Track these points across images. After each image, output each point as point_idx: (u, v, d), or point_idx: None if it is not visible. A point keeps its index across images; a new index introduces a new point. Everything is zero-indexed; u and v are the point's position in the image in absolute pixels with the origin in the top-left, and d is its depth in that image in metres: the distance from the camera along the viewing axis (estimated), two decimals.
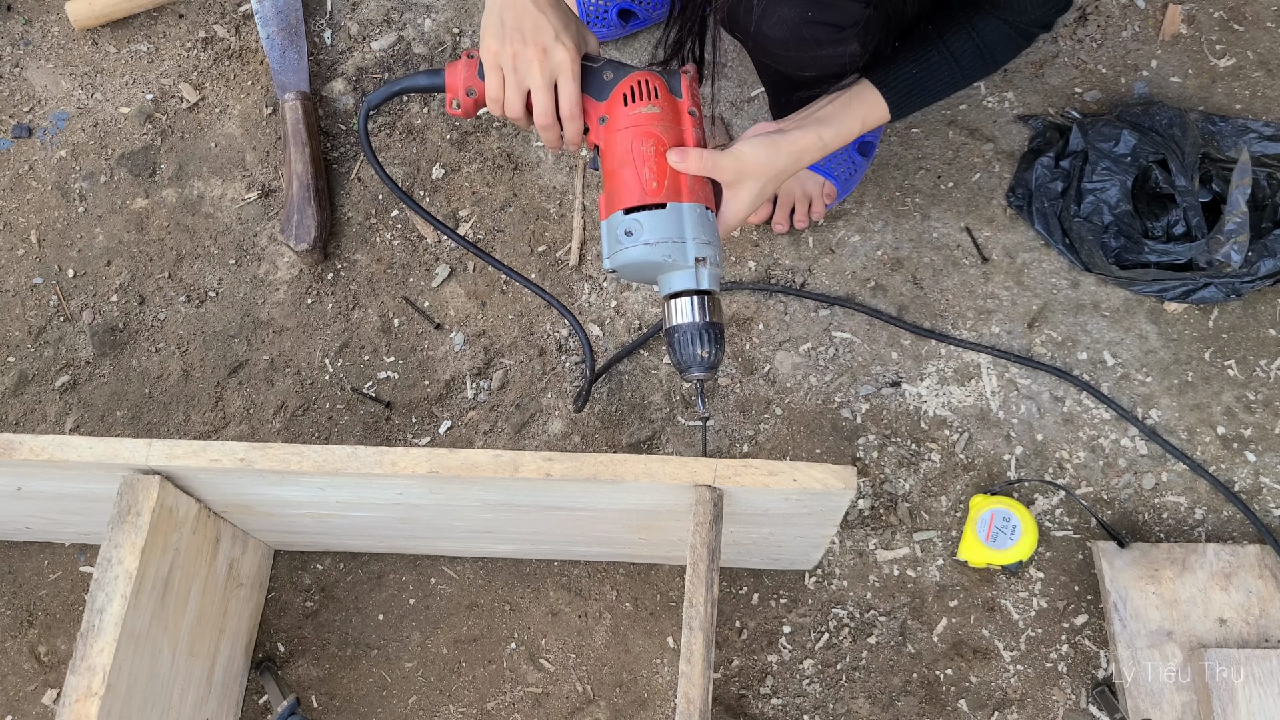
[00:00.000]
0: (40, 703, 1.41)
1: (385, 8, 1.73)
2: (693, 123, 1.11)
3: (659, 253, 1.07)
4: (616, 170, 1.09)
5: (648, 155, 1.08)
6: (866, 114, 1.17)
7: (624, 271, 1.10)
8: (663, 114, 1.09)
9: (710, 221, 1.10)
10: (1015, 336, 1.49)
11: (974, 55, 1.16)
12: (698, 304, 1.08)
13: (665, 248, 1.07)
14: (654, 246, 1.07)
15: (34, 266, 1.63)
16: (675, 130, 1.10)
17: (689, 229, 1.08)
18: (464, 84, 1.16)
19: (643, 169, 1.08)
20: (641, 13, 1.61)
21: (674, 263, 1.08)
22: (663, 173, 1.08)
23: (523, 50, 1.09)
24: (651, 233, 1.07)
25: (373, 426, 1.51)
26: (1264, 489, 1.41)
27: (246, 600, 1.37)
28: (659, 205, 1.08)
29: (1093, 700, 1.34)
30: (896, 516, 1.43)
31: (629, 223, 1.08)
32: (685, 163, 1.09)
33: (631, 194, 1.08)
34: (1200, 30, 1.62)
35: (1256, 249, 1.42)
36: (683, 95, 1.12)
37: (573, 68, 1.10)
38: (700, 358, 1.09)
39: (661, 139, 1.09)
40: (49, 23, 1.76)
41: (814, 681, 1.37)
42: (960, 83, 1.19)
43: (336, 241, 1.61)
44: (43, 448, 1.08)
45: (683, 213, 1.08)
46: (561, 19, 1.10)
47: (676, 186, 1.09)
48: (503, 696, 1.38)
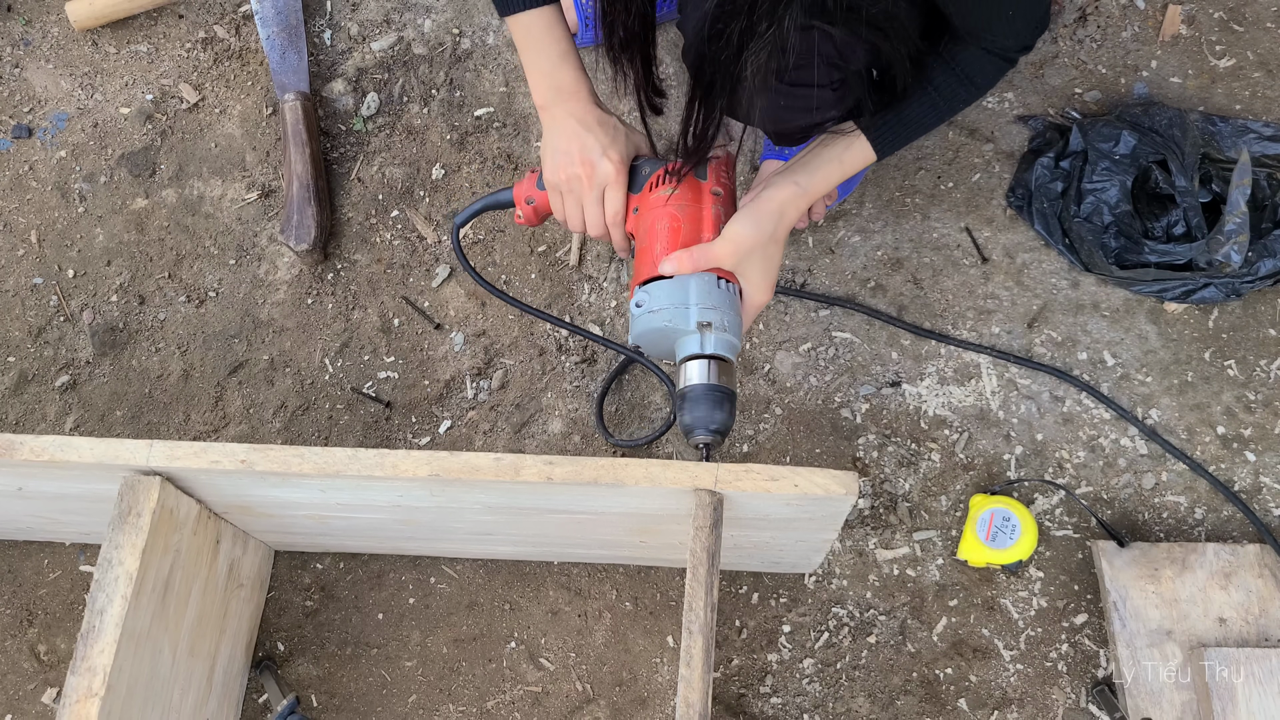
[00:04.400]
0: (40, 702, 1.41)
1: (385, 8, 1.72)
2: (713, 201, 1.15)
3: (662, 319, 1.10)
4: (640, 252, 1.15)
5: (662, 233, 1.13)
6: (848, 157, 1.18)
7: (644, 345, 1.15)
8: (680, 194, 1.14)
9: (722, 290, 1.12)
10: (1015, 336, 1.49)
11: (955, 84, 1.16)
12: (704, 368, 1.10)
13: (668, 313, 1.10)
14: (657, 314, 1.10)
15: (34, 266, 1.63)
16: (694, 209, 1.14)
17: (693, 295, 1.10)
18: (525, 196, 1.26)
19: (655, 245, 1.12)
20: None
21: (678, 328, 1.10)
22: (673, 246, 1.12)
23: (572, 170, 1.17)
24: (656, 300, 1.10)
25: (373, 426, 1.51)
26: (1264, 489, 1.41)
27: (247, 600, 1.37)
28: (668, 276, 1.12)
29: (1092, 699, 1.34)
30: (896, 516, 1.43)
31: (640, 295, 1.12)
32: (679, 267, 1.12)
33: (646, 269, 1.13)
34: (1200, 30, 1.62)
35: (1256, 249, 1.42)
36: (707, 177, 1.17)
37: (618, 178, 1.16)
38: (704, 422, 1.11)
39: (676, 217, 1.13)
40: (49, 23, 1.75)
41: (814, 681, 1.37)
42: (945, 112, 1.19)
43: (336, 241, 1.61)
44: (43, 448, 1.08)
45: (689, 281, 1.11)
46: (609, 134, 1.16)
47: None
48: (503, 696, 1.39)
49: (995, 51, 1.14)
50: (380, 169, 1.64)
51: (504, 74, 1.67)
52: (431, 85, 1.67)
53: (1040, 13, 1.13)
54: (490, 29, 1.70)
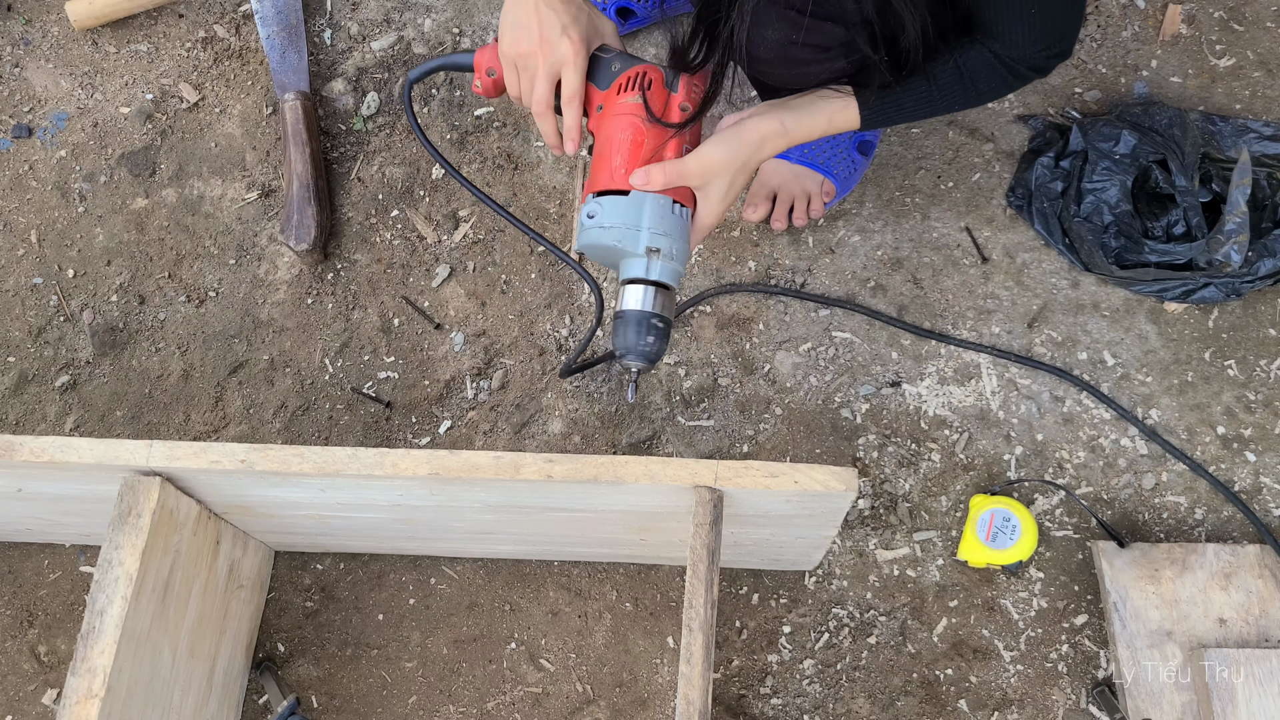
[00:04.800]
0: (40, 703, 1.41)
1: (385, 8, 1.72)
2: (680, 117, 1.11)
3: (612, 236, 1.08)
4: (598, 156, 1.11)
5: (624, 143, 1.09)
6: (834, 114, 1.16)
7: (588, 253, 1.12)
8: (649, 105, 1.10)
9: (675, 216, 1.10)
10: (1015, 336, 1.49)
11: (953, 79, 1.13)
12: (646, 294, 1.10)
13: (618, 233, 1.08)
14: (607, 230, 1.08)
15: (34, 266, 1.63)
16: (660, 131, 1.11)
17: (646, 218, 1.09)
18: (486, 66, 1.20)
19: (615, 155, 1.09)
20: (641, 11, 1.61)
21: (626, 249, 1.09)
22: (633, 161, 1.09)
23: (529, 46, 1.11)
24: (608, 217, 1.08)
25: (373, 426, 1.51)
26: (1264, 489, 1.41)
27: (247, 601, 1.37)
28: (623, 191, 1.09)
29: (1093, 700, 1.34)
30: (896, 516, 1.43)
31: (593, 205, 1.09)
32: (649, 181, 1.09)
33: (602, 178, 1.10)
34: (1200, 30, 1.62)
35: (1256, 249, 1.42)
36: (678, 90, 1.11)
37: (576, 61, 1.11)
38: (636, 346, 1.11)
39: (641, 129, 1.09)
40: (49, 23, 1.75)
41: (814, 681, 1.37)
42: (938, 105, 1.16)
43: (336, 241, 1.61)
44: (43, 449, 1.08)
45: (644, 202, 1.09)
46: (570, 13, 1.11)
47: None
48: (503, 696, 1.39)
49: (1005, 60, 1.12)
50: (380, 169, 1.64)
51: None
52: (431, 85, 1.67)
53: (1061, 32, 1.10)
54: (490, 29, 1.70)
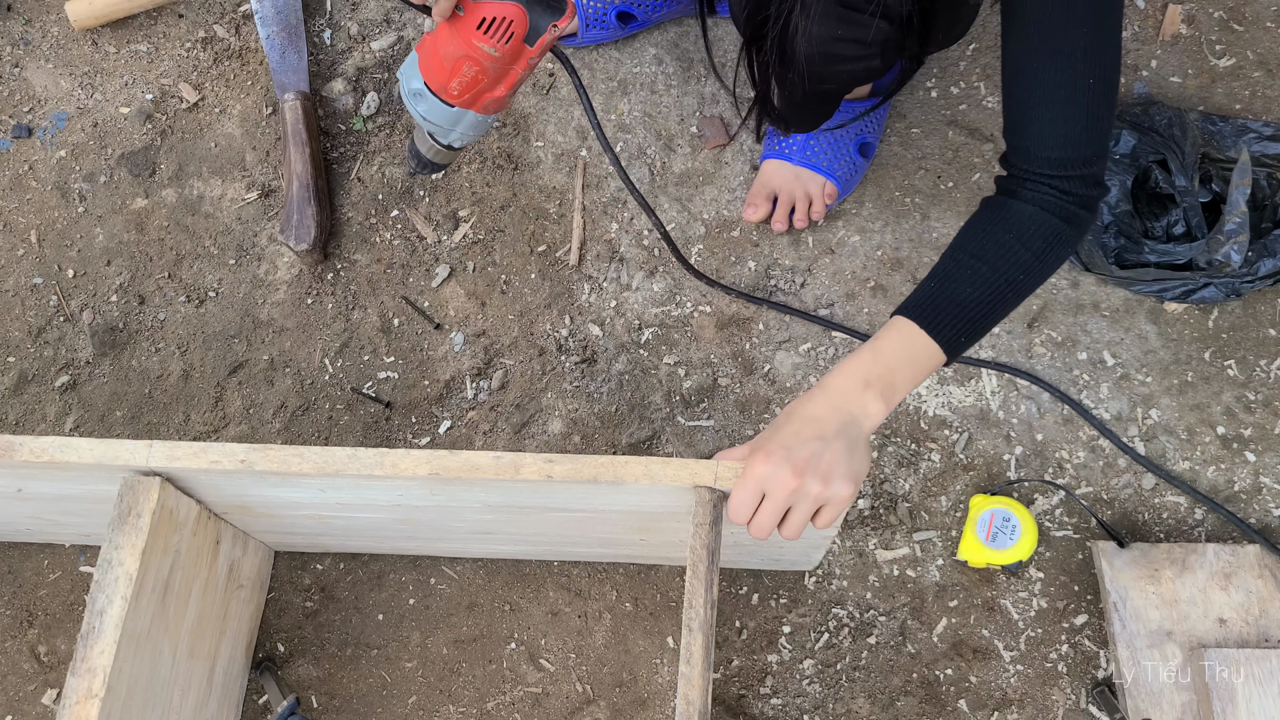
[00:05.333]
0: (40, 703, 1.41)
1: (385, 8, 1.72)
2: (525, 67, 1.18)
3: (427, 127, 1.24)
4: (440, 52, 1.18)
5: (465, 75, 1.18)
6: (917, 360, 1.04)
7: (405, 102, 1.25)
8: (500, 58, 1.16)
9: (487, 124, 1.24)
10: (1015, 336, 1.49)
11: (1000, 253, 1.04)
12: (435, 150, 1.27)
13: (432, 126, 1.23)
14: (425, 120, 1.23)
15: (34, 266, 1.63)
16: (503, 71, 1.18)
17: (461, 127, 1.23)
18: None
19: (453, 79, 1.18)
20: (640, 15, 1.61)
21: (436, 134, 1.24)
22: (466, 91, 1.19)
23: None
24: (429, 113, 1.21)
25: (373, 426, 1.51)
26: (1264, 489, 1.41)
27: (247, 601, 1.37)
28: (449, 104, 1.20)
29: (1093, 700, 1.34)
30: (896, 516, 1.43)
31: (421, 90, 1.21)
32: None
33: (434, 81, 1.19)
34: (1200, 30, 1.62)
35: (1256, 249, 1.42)
36: (534, 45, 1.17)
37: None
38: (415, 170, 1.32)
39: (485, 73, 1.17)
40: (49, 23, 1.75)
41: (814, 681, 1.37)
42: (999, 289, 1.05)
43: (336, 241, 1.61)
44: (43, 449, 1.08)
45: (464, 117, 1.22)
46: None
47: (472, 101, 1.21)
48: (503, 696, 1.39)
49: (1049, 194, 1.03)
50: (380, 169, 1.64)
51: None
52: None
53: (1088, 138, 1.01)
54: None
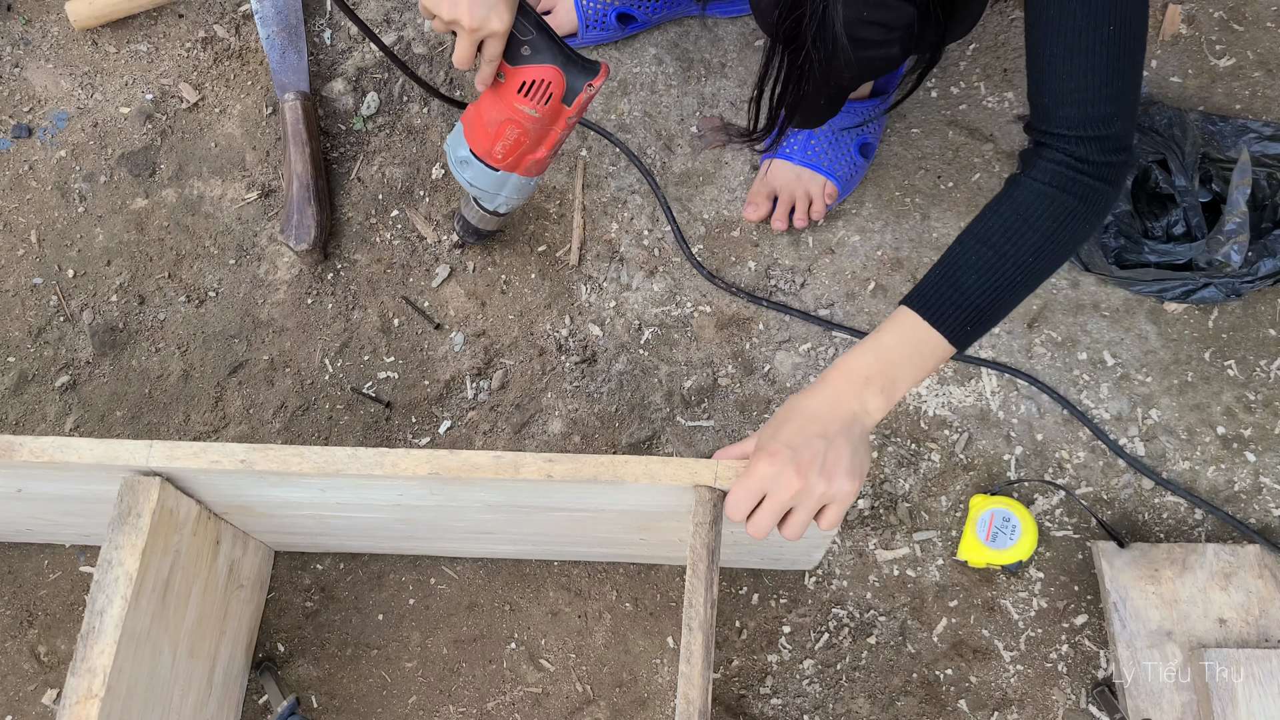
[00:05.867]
0: (40, 703, 1.41)
1: (385, 8, 1.72)
2: (564, 127, 1.28)
3: (473, 192, 1.36)
4: (484, 119, 1.28)
5: (508, 139, 1.28)
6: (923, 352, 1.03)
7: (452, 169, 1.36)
8: (540, 119, 1.25)
9: (530, 187, 1.36)
10: (1015, 336, 1.49)
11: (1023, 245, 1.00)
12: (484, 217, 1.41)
13: (479, 192, 1.35)
14: (472, 186, 1.34)
15: (34, 266, 1.63)
16: (544, 132, 1.28)
17: (506, 191, 1.34)
18: None
19: (497, 143, 1.28)
20: (640, 16, 1.61)
21: (482, 200, 1.37)
22: (510, 154, 1.29)
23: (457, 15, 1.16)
24: (475, 179, 1.33)
25: (373, 426, 1.51)
26: (1264, 489, 1.41)
27: (247, 601, 1.37)
28: (493, 168, 1.31)
29: (1093, 700, 1.34)
30: (896, 516, 1.43)
31: (468, 157, 1.32)
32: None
33: (479, 147, 1.30)
34: (1200, 30, 1.62)
35: (1256, 249, 1.42)
36: (572, 105, 1.25)
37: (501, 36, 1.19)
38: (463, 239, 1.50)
39: (527, 135, 1.27)
40: (49, 23, 1.76)
41: (814, 681, 1.37)
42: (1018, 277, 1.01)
43: (336, 241, 1.61)
44: (43, 449, 1.08)
45: (509, 181, 1.33)
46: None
47: (516, 165, 1.31)
48: (503, 696, 1.39)
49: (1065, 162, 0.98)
50: (380, 169, 1.64)
51: None
52: (432, 84, 1.67)
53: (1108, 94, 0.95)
54: None
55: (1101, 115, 0.97)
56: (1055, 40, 0.96)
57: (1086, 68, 0.95)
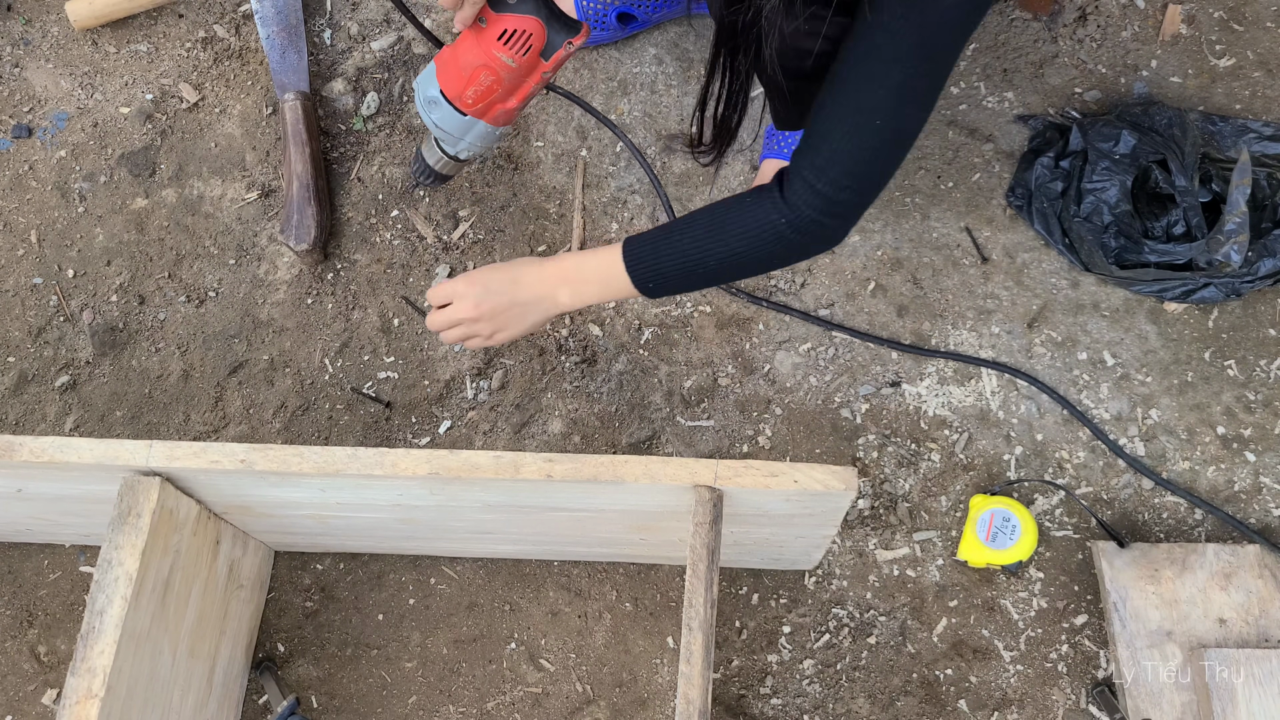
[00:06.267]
0: (40, 703, 1.41)
1: (385, 8, 1.72)
2: (538, 80, 1.24)
3: (438, 133, 1.29)
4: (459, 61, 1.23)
5: (481, 84, 1.23)
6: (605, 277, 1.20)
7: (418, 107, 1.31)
8: (517, 69, 1.22)
9: (496, 136, 1.30)
10: (1015, 336, 1.49)
11: (708, 225, 1.13)
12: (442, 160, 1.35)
13: (444, 134, 1.29)
14: (437, 128, 1.28)
15: (34, 266, 1.63)
16: (518, 82, 1.24)
17: (471, 136, 1.29)
18: None
19: (469, 87, 1.24)
20: (640, 15, 1.61)
21: (445, 143, 1.31)
22: (480, 100, 1.25)
23: None
24: (442, 120, 1.27)
25: (373, 426, 1.51)
26: (1264, 489, 1.41)
27: (247, 601, 1.37)
28: (462, 112, 1.26)
29: (1093, 700, 1.34)
30: (896, 516, 1.43)
31: (437, 98, 1.26)
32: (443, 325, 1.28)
33: (450, 89, 1.25)
34: (1200, 30, 1.62)
35: (1256, 249, 1.42)
36: (549, 60, 1.22)
37: None
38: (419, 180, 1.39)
39: (500, 82, 1.23)
40: (49, 23, 1.75)
41: (814, 681, 1.37)
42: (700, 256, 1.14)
43: (336, 241, 1.61)
44: (43, 449, 1.08)
45: (475, 126, 1.27)
46: None
47: (484, 111, 1.26)
48: (503, 696, 1.39)
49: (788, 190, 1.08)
50: (380, 169, 1.64)
51: None
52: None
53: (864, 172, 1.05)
54: None
55: (831, 191, 1.05)
56: (834, 103, 1.03)
57: (846, 143, 1.03)
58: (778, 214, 1.08)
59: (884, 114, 1.01)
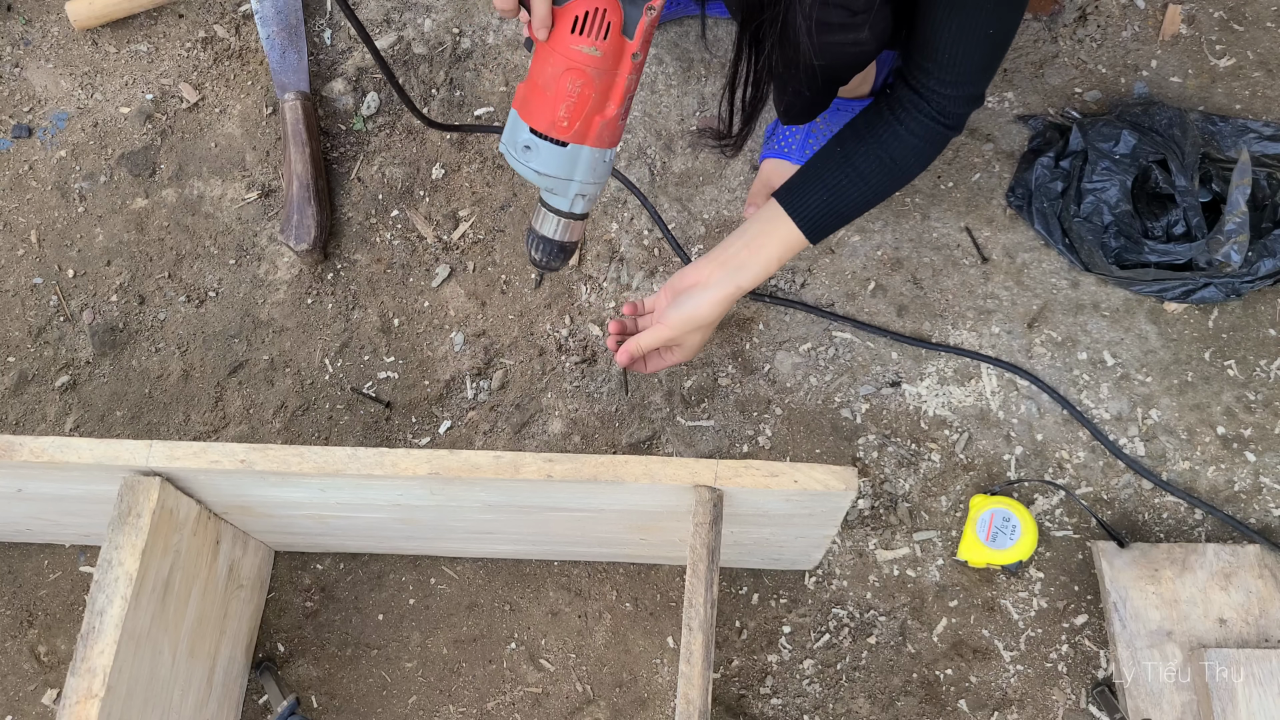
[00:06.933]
0: (40, 703, 1.41)
1: (385, 8, 1.72)
2: (630, 69, 1.09)
3: (545, 183, 1.14)
4: (540, 84, 1.09)
5: (570, 95, 1.08)
6: (783, 250, 1.25)
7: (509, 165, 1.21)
8: (603, 58, 1.07)
9: (606, 164, 1.14)
10: (1015, 336, 1.49)
11: (882, 174, 1.21)
12: (560, 225, 1.19)
13: (551, 181, 1.13)
14: (541, 176, 1.13)
15: (34, 266, 1.63)
16: (609, 77, 1.08)
17: (580, 171, 1.12)
18: None
19: (560, 105, 1.08)
20: None
21: (554, 192, 1.15)
22: (576, 116, 1.09)
23: None
24: (544, 164, 1.11)
25: (373, 426, 1.51)
26: (1264, 489, 1.41)
27: (247, 601, 1.37)
28: (561, 143, 1.10)
29: (1093, 700, 1.34)
30: (896, 516, 1.43)
31: (530, 141, 1.11)
32: (636, 350, 1.30)
33: (542, 120, 1.10)
34: (1200, 30, 1.62)
35: (1256, 249, 1.42)
36: (634, 36, 1.07)
37: None
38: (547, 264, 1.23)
39: (591, 83, 1.07)
40: (49, 23, 1.76)
41: (814, 681, 1.37)
42: (874, 199, 1.25)
43: (336, 241, 1.61)
44: (43, 449, 1.08)
45: (580, 155, 1.11)
46: None
47: (585, 132, 1.10)
48: (503, 696, 1.39)
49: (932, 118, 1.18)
50: (380, 169, 1.64)
51: (504, 73, 1.67)
52: (432, 85, 1.68)
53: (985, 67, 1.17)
54: (490, 28, 1.70)
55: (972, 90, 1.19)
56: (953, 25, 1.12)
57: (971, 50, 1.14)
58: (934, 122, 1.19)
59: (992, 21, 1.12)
